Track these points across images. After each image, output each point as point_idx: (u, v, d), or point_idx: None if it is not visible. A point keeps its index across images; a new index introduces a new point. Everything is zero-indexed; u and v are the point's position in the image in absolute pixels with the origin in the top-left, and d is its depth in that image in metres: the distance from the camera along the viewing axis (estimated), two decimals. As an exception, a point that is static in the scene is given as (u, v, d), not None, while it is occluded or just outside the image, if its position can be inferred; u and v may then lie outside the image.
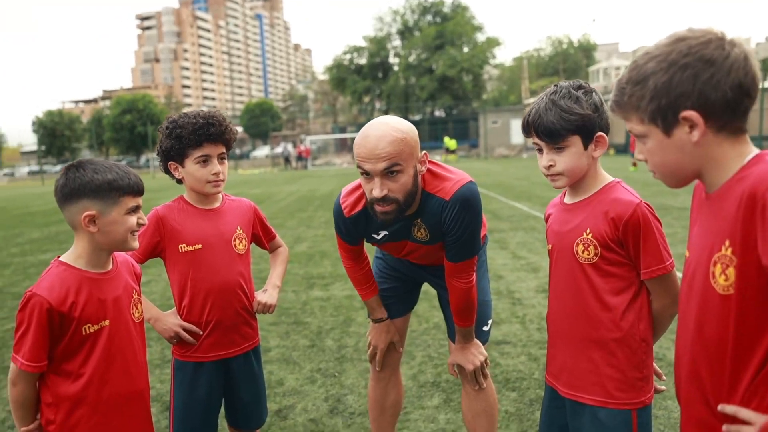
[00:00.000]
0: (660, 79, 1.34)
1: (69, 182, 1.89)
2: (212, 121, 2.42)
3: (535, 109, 1.97)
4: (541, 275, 7.17)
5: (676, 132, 1.37)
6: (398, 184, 2.22)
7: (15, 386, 1.87)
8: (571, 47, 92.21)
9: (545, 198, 15.24)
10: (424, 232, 2.45)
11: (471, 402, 2.77)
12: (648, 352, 1.94)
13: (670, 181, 1.47)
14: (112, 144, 78.16)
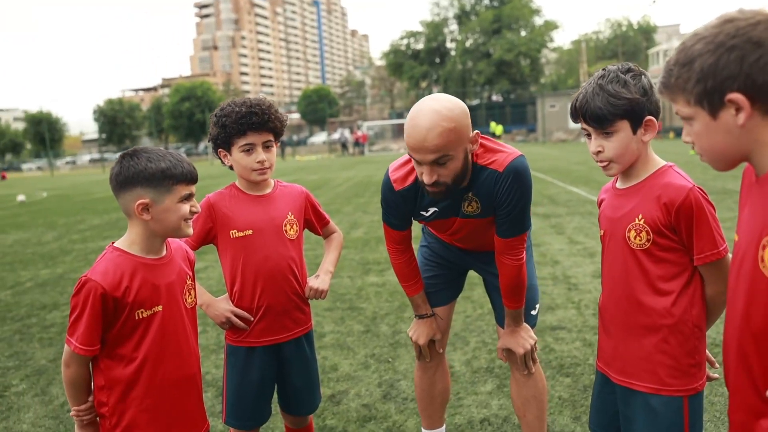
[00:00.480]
0: (706, 60, 1.31)
1: (123, 170, 1.91)
2: (255, 109, 2.44)
3: (582, 94, 1.95)
4: (597, 260, 7.05)
5: (722, 115, 1.34)
6: (448, 170, 2.24)
7: (68, 367, 1.91)
8: (631, 29, 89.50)
9: (603, 183, 14.82)
10: (476, 205, 2.45)
11: (520, 388, 2.78)
12: (701, 339, 1.92)
13: (717, 164, 1.44)
14: (171, 131, 79.92)
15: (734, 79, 1.29)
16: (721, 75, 1.30)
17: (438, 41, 71.34)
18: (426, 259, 2.92)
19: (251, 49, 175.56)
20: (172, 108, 76.49)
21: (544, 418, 2.82)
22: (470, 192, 2.43)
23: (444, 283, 2.87)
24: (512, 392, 2.85)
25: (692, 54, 1.34)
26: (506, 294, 2.60)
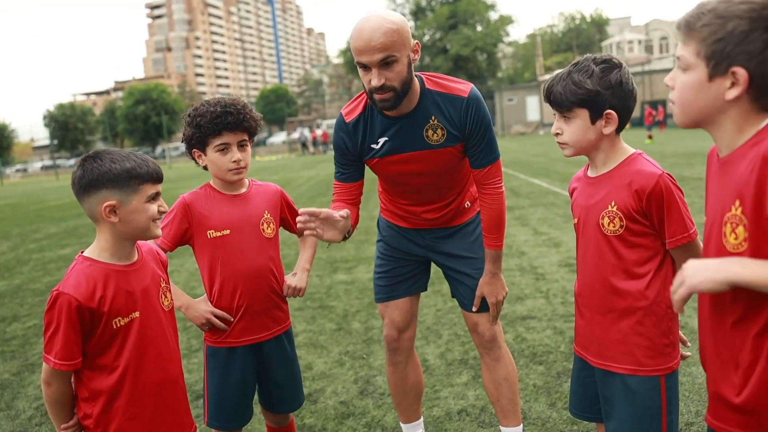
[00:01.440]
0: (741, 26, 1.32)
1: (87, 173, 1.87)
2: (230, 109, 2.44)
3: (553, 77, 2.03)
4: (562, 250, 7.17)
5: (718, 81, 1.37)
6: (394, 72, 2.33)
7: (50, 386, 1.87)
8: (584, 22, 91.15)
9: (564, 174, 15.18)
10: (441, 131, 2.50)
11: (491, 373, 2.83)
12: (674, 319, 1.98)
13: (682, 117, 1.48)
14: (127, 135, 78.41)
15: (751, 56, 1.31)
16: (742, 46, 1.31)
17: (395, 38, 71.44)
18: (382, 254, 2.94)
19: (206, 49, 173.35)
20: (127, 111, 75.09)
21: (517, 401, 2.88)
22: (432, 117, 2.49)
23: (401, 276, 2.88)
24: (484, 378, 2.89)
25: (733, 12, 1.33)
26: (490, 229, 2.65)
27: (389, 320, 2.91)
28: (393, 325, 2.90)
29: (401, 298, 2.89)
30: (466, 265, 2.78)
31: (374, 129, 2.55)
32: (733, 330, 1.43)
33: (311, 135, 52.99)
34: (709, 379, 1.55)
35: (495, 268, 2.71)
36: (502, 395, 2.84)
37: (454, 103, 2.48)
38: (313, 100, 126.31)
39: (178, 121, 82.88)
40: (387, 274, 2.89)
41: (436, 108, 2.49)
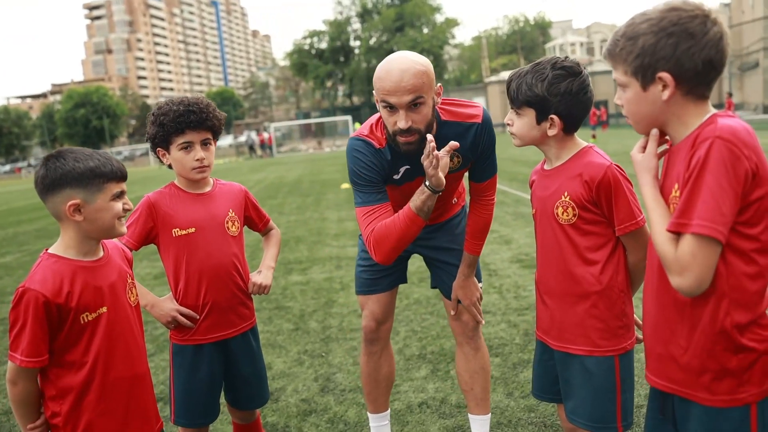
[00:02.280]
0: (648, 40, 1.55)
1: (50, 173, 1.86)
2: (193, 108, 2.45)
3: (515, 71, 2.15)
4: (513, 246, 7.35)
5: (651, 88, 1.59)
6: (421, 115, 2.35)
7: (15, 385, 1.85)
8: (528, 25, 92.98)
9: (512, 173, 15.48)
10: (457, 159, 2.56)
11: (469, 362, 2.90)
12: (627, 302, 2.09)
13: (638, 126, 1.70)
14: (66, 140, 76.17)
15: (667, 60, 1.53)
16: (657, 55, 1.53)
17: (342, 40, 71.43)
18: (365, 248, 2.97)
19: (148, 51, 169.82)
20: (66, 115, 73.02)
21: (488, 390, 2.96)
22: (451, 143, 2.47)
23: (385, 270, 2.91)
24: (459, 367, 2.95)
25: (638, 31, 1.56)
26: (475, 234, 2.73)
27: (369, 312, 2.94)
28: (372, 317, 2.94)
29: (383, 293, 2.94)
30: (451, 256, 2.84)
31: (395, 159, 2.54)
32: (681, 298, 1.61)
33: (258, 138, 52.56)
34: (653, 343, 1.72)
35: (469, 272, 2.77)
36: (476, 384, 2.91)
37: (469, 130, 2.53)
38: (260, 102, 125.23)
39: (120, 125, 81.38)
40: (371, 269, 2.91)
41: (453, 138, 2.44)
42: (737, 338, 1.55)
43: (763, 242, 1.53)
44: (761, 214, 1.51)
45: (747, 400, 1.56)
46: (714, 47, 1.52)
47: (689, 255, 1.48)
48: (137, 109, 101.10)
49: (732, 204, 1.46)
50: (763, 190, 1.50)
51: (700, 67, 1.53)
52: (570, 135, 2.12)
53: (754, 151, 1.48)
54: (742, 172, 1.46)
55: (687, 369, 1.61)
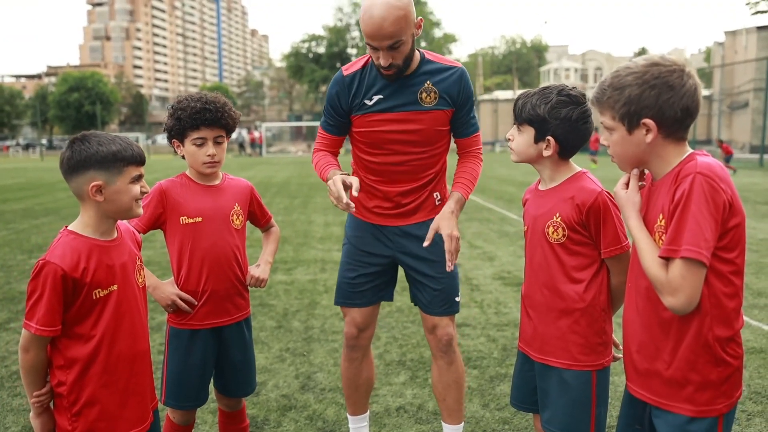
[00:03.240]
0: (634, 91, 1.77)
1: (75, 154, 1.96)
2: (209, 106, 2.56)
3: (525, 91, 2.30)
4: (496, 263, 7.47)
5: (636, 132, 1.80)
6: (400, 53, 2.61)
7: (27, 352, 1.93)
8: (524, 47, 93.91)
9: (499, 192, 15.67)
10: (434, 95, 2.74)
11: (443, 375, 2.98)
12: (607, 321, 2.21)
13: (623, 165, 1.92)
14: (57, 122, 75.81)
15: (650, 109, 1.76)
16: (642, 104, 1.76)
17: (340, 46, 71.55)
18: (348, 259, 3.01)
19: (146, 42, 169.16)
20: (59, 98, 72.57)
21: (462, 401, 3.05)
22: (427, 82, 2.74)
23: (366, 284, 2.97)
24: (434, 378, 3.03)
25: (624, 83, 1.79)
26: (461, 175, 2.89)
27: (350, 319, 3.01)
28: (353, 324, 3.01)
29: (366, 307, 3.00)
30: (430, 268, 2.89)
31: (370, 85, 2.76)
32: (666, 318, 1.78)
33: (249, 136, 52.53)
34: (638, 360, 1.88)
35: (456, 208, 2.75)
36: (449, 395, 2.99)
37: (448, 71, 2.77)
38: (253, 101, 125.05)
39: (112, 112, 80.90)
40: (352, 281, 2.97)
41: (431, 74, 2.75)
42: (718, 352, 1.75)
43: (738, 265, 1.75)
44: (736, 241, 1.73)
45: (721, 410, 1.75)
46: (690, 97, 1.75)
47: (680, 277, 1.67)
48: (130, 97, 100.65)
49: (713, 231, 1.67)
50: (737, 219, 1.72)
51: (679, 114, 1.75)
52: (565, 159, 2.24)
53: (729, 185, 1.70)
54: (720, 202, 1.67)
55: (671, 382, 1.79)
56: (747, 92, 44.35)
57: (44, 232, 10.20)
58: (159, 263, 7.13)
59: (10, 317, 5.56)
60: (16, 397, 3.88)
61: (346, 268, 3.01)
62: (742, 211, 1.74)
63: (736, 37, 47.44)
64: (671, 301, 1.70)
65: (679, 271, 1.67)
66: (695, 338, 1.75)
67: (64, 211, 13.10)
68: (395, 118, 2.75)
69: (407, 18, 2.54)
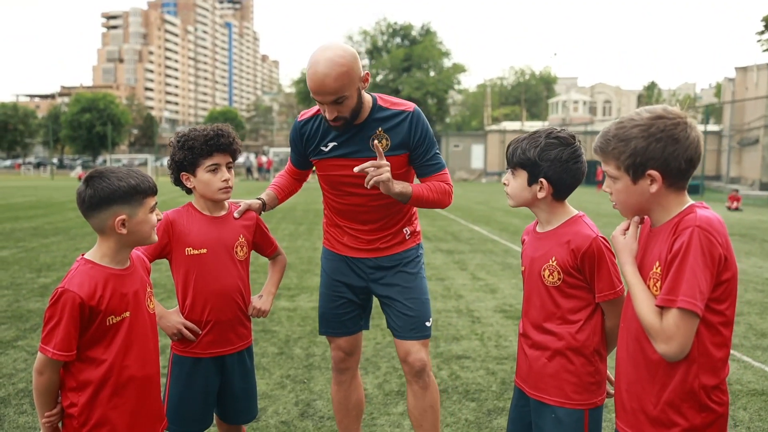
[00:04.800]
0: (639, 144, 1.83)
1: (98, 192, 2.05)
2: (221, 132, 2.68)
3: (516, 137, 2.37)
4: (498, 296, 7.52)
5: (641, 182, 1.86)
6: (345, 107, 2.68)
7: (42, 375, 2.02)
8: (533, 78, 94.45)
9: (503, 223, 15.72)
10: (386, 141, 2.82)
11: (417, 400, 3.04)
12: (601, 362, 2.27)
13: (626, 212, 1.99)
14: (69, 142, 76.51)
15: (656, 161, 1.81)
16: (647, 156, 1.82)
17: (350, 74, 72.15)
18: (325, 290, 3.15)
19: (158, 65, 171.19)
20: (71, 118, 73.31)
21: (438, 425, 3.10)
22: (379, 129, 2.81)
23: (343, 315, 3.10)
24: (409, 404, 3.07)
25: (629, 135, 1.85)
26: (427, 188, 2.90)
27: (336, 346, 3.15)
28: (340, 349, 3.14)
29: (347, 336, 3.13)
30: (401, 294, 3.00)
31: (326, 132, 2.88)
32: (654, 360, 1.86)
33: (257, 161, 52.85)
34: (627, 398, 1.95)
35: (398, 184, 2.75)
36: (425, 421, 3.05)
37: (399, 116, 2.83)
38: (262, 126, 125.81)
39: (123, 133, 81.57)
40: (329, 312, 3.11)
41: (383, 121, 2.82)
42: (703, 398, 1.82)
43: (728, 317, 1.82)
44: (728, 293, 1.80)
45: None
46: (695, 149, 1.82)
47: (674, 326, 1.74)
48: (141, 119, 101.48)
49: (708, 283, 1.74)
50: (730, 272, 1.79)
51: (683, 166, 1.82)
52: (560, 201, 2.31)
53: (724, 239, 1.78)
54: (716, 256, 1.75)
55: (656, 422, 1.86)
56: (758, 129, 44.37)
57: (53, 252, 10.33)
58: (164, 285, 7.22)
59: (18, 335, 5.65)
60: (22, 414, 3.95)
61: (325, 298, 3.15)
62: (735, 265, 1.81)
63: (747, 73, 47.65)
64: (664, 348, 1.77)
65: (674, 320, 1.74)
66: (681, 384, 1.82)
67: (73, 231, 13.24)
68: (350, 164, 2.80)
69: (350, 74, 2.61)
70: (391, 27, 71.04)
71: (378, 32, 71.60)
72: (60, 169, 70.40)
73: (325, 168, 2.95)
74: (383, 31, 71.43)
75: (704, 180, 32.18)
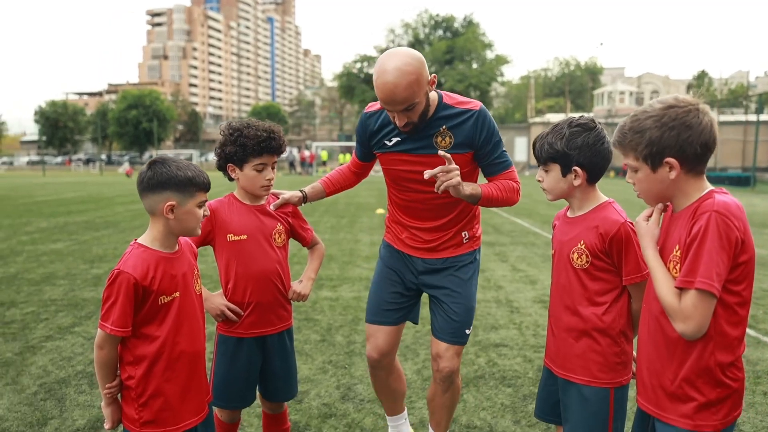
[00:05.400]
0: (654, 134, 1.91)
1: (156, 175, 2.21)
2: (274, 135, 2.82)
3: (538, 135, 2.46)
4: (538, 287, 7.57)
5: (660, 170, 1.94)
6: (414, 113, 2.74)
7: (102, 349, 2.18)
8: (578, 69, 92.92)
9: (546, 216, 15.66)
10: (449, 139, 2.85)
11: (437, 397, 3.14)
12: (627, 342, 2.36)
13: (649, 201, 2.06)
14: (117, 138, 78.30)
15: (672, 148, 1.89)
16: (663, 144, 1.90)
17: (391, 68, 72.18)
18: (378, 276, 3.25)
19: (202, 61, 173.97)
20: (119, 115, 75.03)
21: (450, 418, 3.24)
22: (443, 127, 2.85)
23: (392, 304, 3.18)
24: (429, 395, 3.19)
25: (644, 126, 1.93)
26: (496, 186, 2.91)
27: (373, 344, 3.19)
28: (375, 348, 3.19)
29: (391, 326, 3.19)
30: (449, 298, 3.05)
31: (390, 128, 2.94)
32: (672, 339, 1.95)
33: (299, 155, 53.42)
34: (647, 375, 2.04)
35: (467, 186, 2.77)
36: (439, 413, 3.17)
37: (464, 114, 2.85)
38: (304, 120, 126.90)
39: (168, 129, 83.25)
40: (379, 299, 3.20)
41: (447, 119, 2.84)
42: (719, 375, 1.90)
43: (744, 297, 1.89)
44: (745, 275, 1.87)
45: (716, 427, 1.90)
46: (708, 133, 1.88)
47: (692, 306, 1.82)
48: (185, 115, 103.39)
49: (726, 266, 1.82)
50: (747, 255, 1.86)
51: (698, 151, 1.89)
52: (592, 186, 2.40)
53: (742, 224, 1.85)
54: (733, 239, 1.82)
55: (672, 397, 1.95)
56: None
57: (104, 244, 10.74)
58: (210, 276, 7.50)
59: (75, 322, 5.95)
60: (81, 394, 4.20)
61: (375, 285, 3.25)
62: (752, 248, 1.88)
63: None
64: (682, 327, 1.86)
65: (692, 300, 1.82)
66: (697, 361, 1.90)
67: (122, 225, 13.71)
68: (412, 159, 2.90)
69: (419, 81, 2.63)
70: (432, 19, 70.83)
71: (420, 24, 71.47)
72: (108, 165, 72.19)
73: (388, 162, 3.02)
74: (425, 23, 71.27)
75: (756, 171, 31.23)
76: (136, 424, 2.23)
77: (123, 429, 2.30)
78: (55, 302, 6.69)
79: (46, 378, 4.46)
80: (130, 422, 2.25)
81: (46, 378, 4.46)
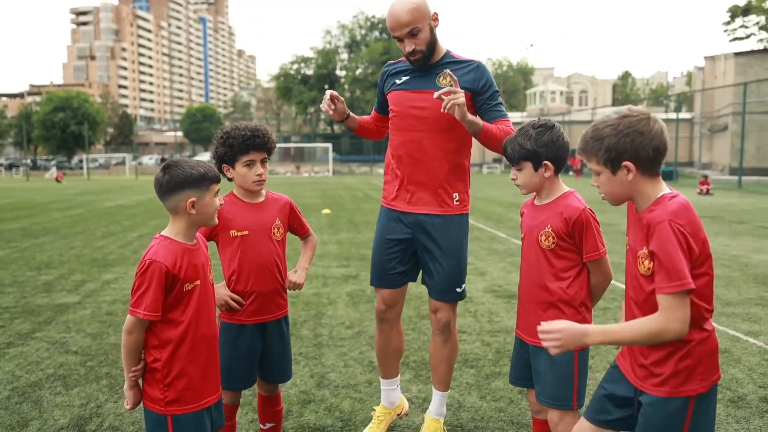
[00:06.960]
0: (612, 140, 2.13)
1: (174, 177, 2.41)
2: (257, 133, 3.05)
3: (506, 139, 2.81)
4: (487, 278, 7.97)
5: (619, 173, 2.16)
6: (420, 39, 3.24)
7: (131, 334, 2.36)
8: (511, 69, 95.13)
9: (487, 212, 16.21)
10: (449, 79, 3.16)
11: (437, 350, 3.55)
12: (587, 312, 2.73)
13: (612, 201, 2.27)
14: (42, 142, 74.64)
15: (628, 152, 2.13)
16: (620, 150, 2.13)
17: (328, 68, 72.36)
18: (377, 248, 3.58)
19: (132, 61, 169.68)
20: (44, 117, 71.69)
21: (450, 373, 3.62)
22: (448, 68, 3.25)
23: (390, 270, 3.54)
24: (431, 350, 3.60)
25: (602, 134, 2.17)
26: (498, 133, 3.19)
27: (380, 297, 3.61)
28: (383, 302, 3.61)
29: (396, 288, 3.58)
30: (443, 258, 3.41)
31: (402, 71, 3.46)
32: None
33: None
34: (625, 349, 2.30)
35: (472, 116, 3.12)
36: (440, 367, 3.57)
37: (467, 65, 3.35)
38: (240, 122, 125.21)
39: (98, 132, 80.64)
40: (380, 267, 3.57)
41: (451, 65, 3.33)
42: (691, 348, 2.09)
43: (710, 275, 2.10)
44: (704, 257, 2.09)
45: (688, 393, 2.12)
46: (658, 138, 2.11)
47: (675, 308, 1.99)
48: (116, 117, 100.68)
49: (687, 261, 2.02)
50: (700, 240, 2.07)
51: (651, 154, 2.11)
52: (557, 177, 2.77)
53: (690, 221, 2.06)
54: (686, 236, 2.04)
55: (650, 369, 2.16)
56: (726, 116, 45.39)
57: (47, 251, 10.53)
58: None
59: (34, 328, 5.93)
60: (57, 395, 4.28)
61: (375, 254, 3.61)
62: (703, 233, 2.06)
63: (715, 63, 48.67)
64: (673, 331, 2.00)
65: (671, 303, 1.99)
66: None
67: (62, 231, 13.45)
68: (414, 96, 3.36)
69: (420, 9, 3.17)
70: (368, 20, 71.24)
71: (356, 26, 71.78)
72: (34, 170, 68.78)
73: (393, 100, 3.45)
74: (361, 24, 71.63)
75: (677, 166, 33.08)
76: (161, 404, 2.42)
77: (145, 410, 2.48)
78: (8, 309, 6.62)
79: (16, 383, 4.49)
80: (153, 402, 2.43)
81: (16, 383, 4.49)
